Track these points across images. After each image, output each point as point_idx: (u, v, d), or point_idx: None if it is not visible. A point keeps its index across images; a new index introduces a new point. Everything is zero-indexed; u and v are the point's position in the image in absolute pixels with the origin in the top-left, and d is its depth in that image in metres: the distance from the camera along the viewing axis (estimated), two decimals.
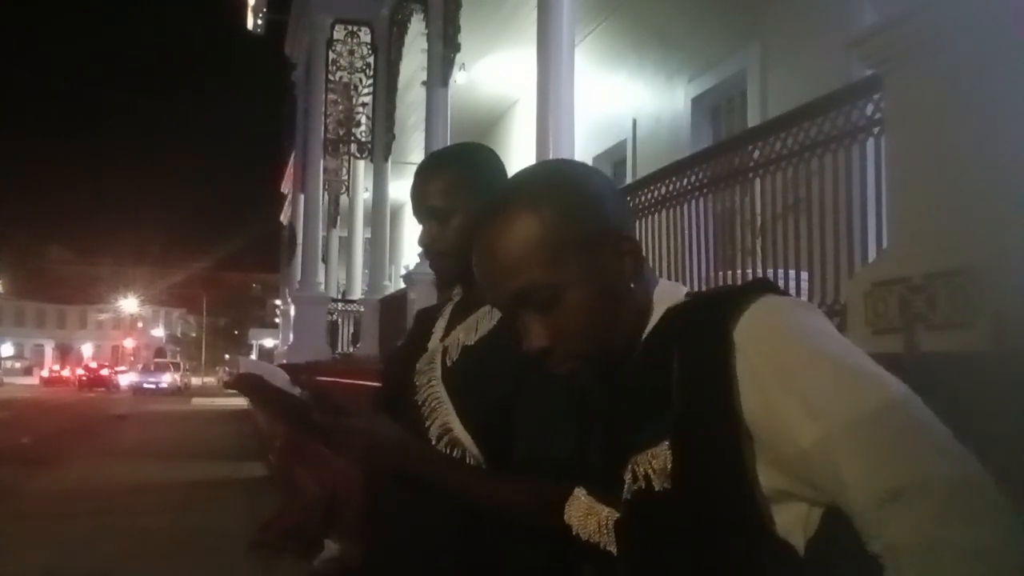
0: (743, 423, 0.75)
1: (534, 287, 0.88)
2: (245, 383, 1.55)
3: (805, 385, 0.73)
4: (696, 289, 1.01)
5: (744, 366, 0.75)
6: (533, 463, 1.24)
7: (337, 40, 11.52)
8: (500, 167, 1.47)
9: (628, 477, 0.83)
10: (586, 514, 0.92)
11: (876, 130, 2.55)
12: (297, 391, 1.50)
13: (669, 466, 0.78)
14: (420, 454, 1.30)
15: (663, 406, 0.80)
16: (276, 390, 1.49)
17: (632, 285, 0.91)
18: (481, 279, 0.94)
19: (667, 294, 0.93)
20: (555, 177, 0.94)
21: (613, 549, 0.86)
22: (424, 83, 8.06)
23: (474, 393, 1.31)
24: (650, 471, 0.80)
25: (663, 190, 4.25)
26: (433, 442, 1.31)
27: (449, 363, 1.36)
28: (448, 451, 1.30)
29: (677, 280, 3.73)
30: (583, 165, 1.00)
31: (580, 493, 0.96)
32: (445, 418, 1.31)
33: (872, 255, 2.64)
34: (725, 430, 0.75)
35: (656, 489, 0.79)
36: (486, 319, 1.38)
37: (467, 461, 1.29)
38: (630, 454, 0.83)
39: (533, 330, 0.90)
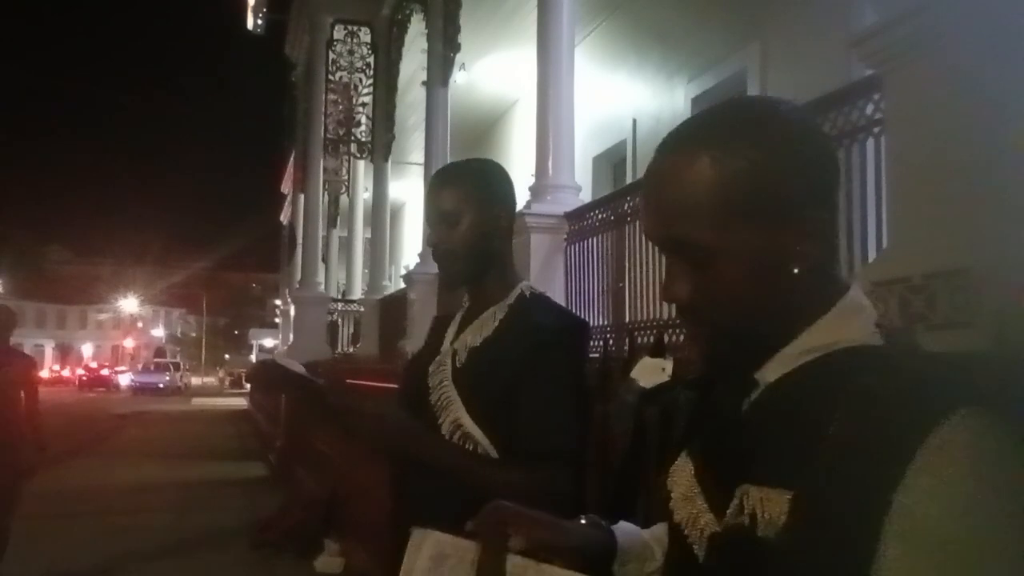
0: (886, 533, 0.65)
1: (687, 243, 0.78)
2: (264, 372, 1.74)
3: (948, 555, 0.64)
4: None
5: (915, 495, 0.65)
6: (533, 451, 1.35)
7: (337, 40, 11.52)
8: (508, 181, 1.60)
9: (736, 503, 0.77)
10: (686, 497, 0.86)
11: (876, 130, 2.55)
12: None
13: (782, 520, 0.72)
14: (429, 438, 1.44)
15: (801, 455, 0.71)
16: (295, 375, 1.62)
17: (796, 271, 0.77)
18: (642, 203, 0.85)
19: (848, 317, 0.79)
20: (761, 125, 0.78)
21: (700, 554, 0.82)
22: (424, 83, 8.06)
23: (481, 390, 1.43)
24: (759, 511, 0.74)
25: None
26: (447, 437, 1.43)
27: (458, 364, 1.48)
28: (461, 444, 1.42)
29: None
30: (799, 115, 0.81)
31: (686, 464, 0.88)
32: (456, 414, 1.43)
33: (872, 255, 2.64)
34: (859, 533, 0.66)
35: (758, 533, 0.74)
36: (490, 321, 1.50)
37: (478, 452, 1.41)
38: (746, 478, 0.77)
39: (676, 280, 0.81)
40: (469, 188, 1.53)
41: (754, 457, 0.77)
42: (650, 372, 2.19)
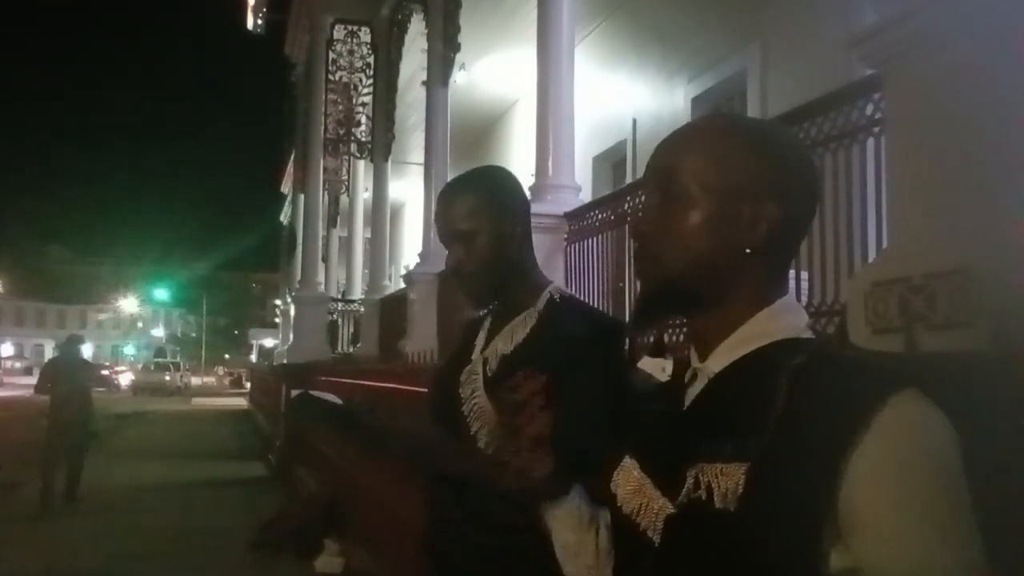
0: (835, 502, 0.74)
1: (673, 178, 0.90)
2: (300, 401, 1.75)
3: (909, 517, 0.73)
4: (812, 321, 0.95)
5: (867, 460, 0.73)
6: (569, 464, 1.27)
7: (337, 40, 11.52)
8: (517, 186, 1.56)
9: (690, 481, 0.82)
10: (635, 490, 0.91)
11: (876, 130, 2.55)
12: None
13: (740, 491, 0.77)
14: (464, 450, 1.40)
15: (753, 430, 0.78)
16: (331, 404, 1.67)
17: (748, 251, 0.87)
18: (673, 136, 0.97)
19: (785, 313, 0.89)
20: (746, 135, 0.93)
21: (656, 538, 0.86)
22: (424, 83, 8.05)
23: None
24: (716, 485, 0.79)
25: None
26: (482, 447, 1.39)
27: (490, 373, 1.45)
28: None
29: None
30: (771, 127, 0.97)
31: (631, 465, 0.94)
32: (491, 424, 1.38)
33: (872, 255, 2.63)
34: (815, 497, 0.74)
35: (716, 505, 0.78)
36: (521, 328, 1.47)
37: None
38: (699, 459, 0.82)
39: (649, 212, 0.93)
40: (480, 203, 1.49)
41: (705, 439, 0.83)
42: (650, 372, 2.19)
